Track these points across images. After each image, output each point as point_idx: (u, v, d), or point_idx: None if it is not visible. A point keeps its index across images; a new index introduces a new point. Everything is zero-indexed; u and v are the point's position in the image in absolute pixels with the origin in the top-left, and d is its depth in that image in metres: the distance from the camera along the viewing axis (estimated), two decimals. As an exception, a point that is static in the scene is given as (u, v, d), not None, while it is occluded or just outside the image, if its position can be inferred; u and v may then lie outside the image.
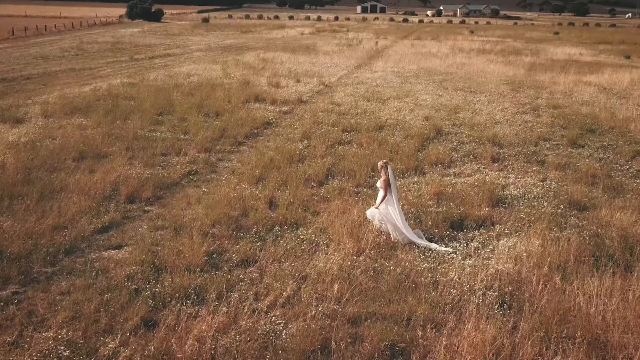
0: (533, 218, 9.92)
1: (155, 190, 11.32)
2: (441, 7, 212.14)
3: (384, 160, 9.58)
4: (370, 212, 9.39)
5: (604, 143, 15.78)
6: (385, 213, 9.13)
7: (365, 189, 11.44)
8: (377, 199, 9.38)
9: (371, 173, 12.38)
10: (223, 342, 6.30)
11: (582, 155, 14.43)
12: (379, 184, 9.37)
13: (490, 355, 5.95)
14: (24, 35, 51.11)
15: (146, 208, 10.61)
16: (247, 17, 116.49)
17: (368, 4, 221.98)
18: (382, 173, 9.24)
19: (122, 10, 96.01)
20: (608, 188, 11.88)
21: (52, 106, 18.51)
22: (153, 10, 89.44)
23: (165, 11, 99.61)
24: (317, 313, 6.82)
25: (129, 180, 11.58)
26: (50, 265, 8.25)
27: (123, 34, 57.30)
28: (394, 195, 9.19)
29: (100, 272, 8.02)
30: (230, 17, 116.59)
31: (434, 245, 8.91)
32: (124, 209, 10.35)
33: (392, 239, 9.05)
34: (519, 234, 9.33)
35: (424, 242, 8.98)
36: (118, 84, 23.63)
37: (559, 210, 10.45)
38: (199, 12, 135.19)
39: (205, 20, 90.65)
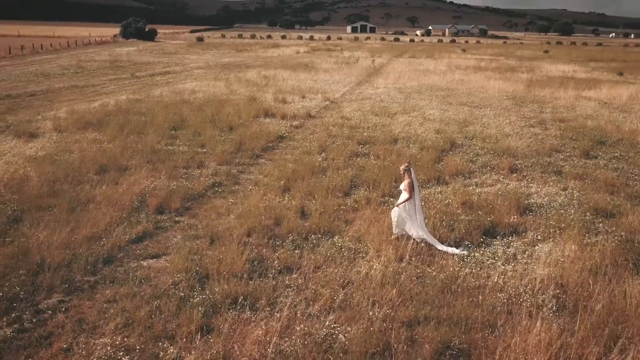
0: (563, 225, 10.04)
1: (183, 201, 11.32)
2: (430, 27, 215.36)
3: (407, 164, 9.78)
4: (395, 213, 9.54)
5: (616, 154, 16.03)
6: (405, 215, 9.32)
7: (391, 199, 11.51)
8: (400, 199, 9.53)
9: (394, 184, 12.44)
10: (283, 346, 6.29)
11: (597, 166, 14.65)
12: (402, 186, 9.52)
13: (552, 355, 5.98)
14: (21, 53, 51.09)
15: (176, 219, 10.60)
16: (240, 36, 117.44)
17: (358, 24, 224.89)
18: (406, 176, 9.40)
19: (113, 30, 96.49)
20: (629, 196, 12.06)
21: (63, 121, 18.48)
22: (147, 30, 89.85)
23: (158, 31, 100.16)
24: (371, 316, 6.83)
25: (155, 192, 11.58)
26: (92, 274, 8.21)
27: (120, 53, 57.45)
28: (416, 197, 9.39)
29: (143, 280, 8.00)
30: (223, 36, 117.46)
31: (449, 249, 9.08)
32: (155, 220, 10.33)
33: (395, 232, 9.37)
34: (553, 240, 9.42)
35: (440, 246, 9.14)
36: (125, 100, 23.65)
37: (587, 217, 10.58)
38: (191, 31, 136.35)
39: (200, 39, 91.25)
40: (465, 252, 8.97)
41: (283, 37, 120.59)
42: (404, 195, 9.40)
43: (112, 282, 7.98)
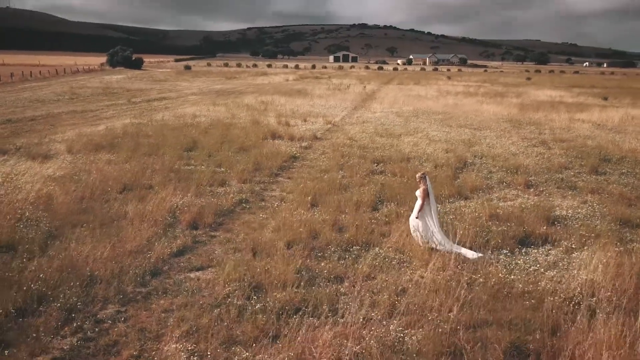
0: (593, 234, 10.32)
1: (215, 217, 11.37)
2: (411, 56, 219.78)
3: (422, 172, 10.23)
4: (413, 221, 9.87)
5: (623, 170, 16.53)
6: (422, 222, 9.73)
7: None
8: (415, 207, 9.88)
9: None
10: (355, 349, 6.34)
11: (609, 181, 15.08)
12: (418, 193, 9.90)
13: (625, 351, 6.14)
14: (11, 81, 50.78)
15: (212, 233, 10.64)
16: (226, 65, 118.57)
17: (340, 54, 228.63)
18: (422, 184, 9.82)
19: (98, 59, 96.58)
20: (647, 208, 12.44)
21: (74, 143, 18.42)
22: (134, 58, 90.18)
23: (144, 59, 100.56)
24: (434, 320, 6.94)
25: (186, 209, 11.61)
26: (142, 286, 8.20)
27: (110, 80, 57.47)
28: (432, 204, 9.80)
29: (195, 290, 8.01)
30: (209, 65, 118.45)
31: (469, 253, 9.39)
32: (192, 235, 10.36)
33: (421, 244, 9.62)
34: (587, 248, 9.67)
35: (458, 249, 9.45)
36: (129, 124, 23.67)
37: (613, 227, 10.88)
38: (176, 60, 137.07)
39: (188, 67, 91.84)
40: (481, 255, 9.27)
41: (269, 65, 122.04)
42: (419, 202, 9.79)
43: (165, 293, 7.97)
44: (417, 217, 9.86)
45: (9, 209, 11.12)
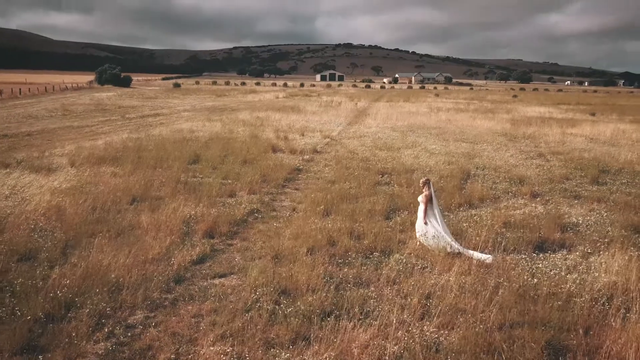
0: (606, 240, 10.49)
1: (229, 226, 11.35)
2: (397, 75, 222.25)
3: (426, 178, 10.63)
4: (421, 227, 10.15)
5: (623, 181, 16.82)
6: (430, 227, 10.02)
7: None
8: (419, 213, 10.22)
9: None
10: (394, 349, 6.36)
11: (611, 191, 15.33)
12: (420, 198, 10.25)
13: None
14: (0, 98, 50.35)
15: (228, 242, 10.63)
16: (215, 83, 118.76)
17: (327, 73, 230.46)
18: (425, 189, 10.21)
19: (85, 78, 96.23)
20: (653, 215, 12.66)
21: (75, 157, 18.31)
22: (122, 76, 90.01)
23: (132, 77, 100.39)
24: (466, 321, 6.98)
25: (199, 218, 11.60)
26: (167, 292, 8.16)
27: (100, 97, 57.24)
28: (435, 209, 10.15)
29: (222, 296, 7.98)
30: (197, 83, 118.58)
31: (476, 254, 9.63)
32: (209, 243, 10.32)
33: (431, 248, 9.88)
34: (603, 253, 9.81)
35: (466, 251, 9.73)
36: (127, 139, 23.58)
37: (624, 233, 11.05)
38: (163, 79, 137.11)
39: (177, 85, 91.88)
40: (492, 257, 9.46)
41: (257, 83, 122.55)
42: (422, 207, 10.15)
43: (191, 299, 7.94)
44: (425, 223, 10.07)
45: (21, 220, 11.03)
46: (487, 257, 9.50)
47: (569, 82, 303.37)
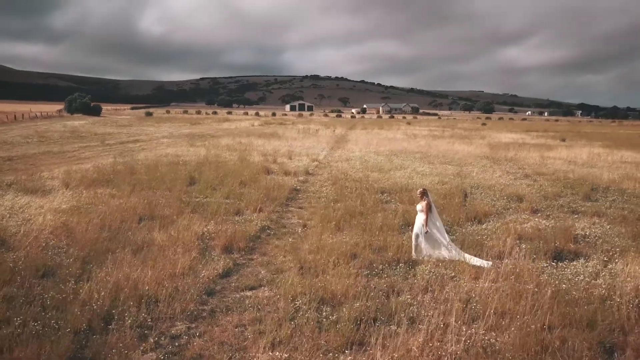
0: (618, 249, 10.82)
1: (246, 242, 11.26)
2: (365, 106, 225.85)
3: (422, 188, 11.09)
4: (420, 236, 10.46)
5: (613, 198, 17.40)
6: (430, 236, 10.41)
7: (453, 236, 11.95)
8: (419, 221, 10.56)
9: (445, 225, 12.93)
10: (452, 349, 6.37)
11: (605, 206, 15.83)
12: (419, 207, 10.65)
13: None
14: (-31, 125, 48.93)
15: (248, 257, 10.53)
16: (186, 112, 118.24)
17: (296, 104, 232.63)
18: (424, 198, 10.64)
19: (53, 107, 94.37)
20: (651, 227, 13.13)
21: (68, 179, 17.89)
22: (92, 105, 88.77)
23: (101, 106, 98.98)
24: (512, 323, 7.06)
25: (213, 235, 11.49)
26: (202, 304, 8.02)
27: (73, 125, 56.22)
28: (436, 217, 10.63)
29: (259, 306, 7.87)
30: (168, 112, 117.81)
31: (474, 260, 9.99)
32: (230, 258, 10.20)
33: (424, 256, 10.27)
34: (620, 260, 10.10)
35: (469, 259, 10.02)
36: (115, 163, 23.18)
37: (631, 243, 11.42)
38: (132, 108, 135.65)
39: (149, 114, 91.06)
40: (490, 263, 9.84)
41: (229, 113, 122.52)
42: (423, 216, 10.48)
43: (229, 310, 7.81)
44: (427, 232, 10.39)
45: (32, 239, 10.68)
46: (486, 263, 9.85)
47: (529, 112, 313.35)
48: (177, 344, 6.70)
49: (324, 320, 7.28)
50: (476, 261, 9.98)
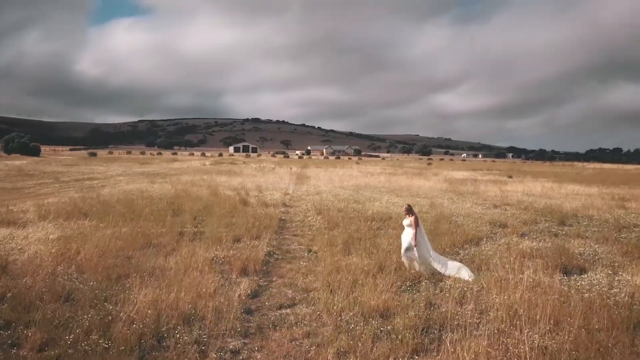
0: (616, 263, 11.45)
1: (260, 265, 11.10)
2: (309, 147, 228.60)
3: (407, 205, 11.76)
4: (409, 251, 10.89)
5: (585, 223, 18.37)
6: (418, 251, 10.86)
7: (459, 256, 12.23)
8: (408, 236, 10.97)
9: (446, 249, 13.23)
10: (515, 351, 6.51)
11: (582, 230, 16.68)
12: (407, 222, 11.15)
13: None
14: None
15: (267, 279, 10.37)
16: (129, 152, 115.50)
17: (240, 145, 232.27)
18: (410, 214, 11.14)
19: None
20: (633, 245, 13.94)
21: (42, 213, 17.01)
22: (31, 145, 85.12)
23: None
24: (559, 328, 7.31)
25: (223, 260, 11.28)
26: (247, 322, 7.81)
27: (15, 164, 53.57)
28: (422, 233, 11.12)
29: (305, 322, 7.77)
30: (111, 153, 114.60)
31: (466, 274, 10.41)
32: (252, 280, 9.99)
33: (416, 270, 10.66)
34: (623, 272, 10.69)
35: (457, 272, 10.47)
36: (81, 197, 22.24)
37: (627, 259, 12.10)
38: (71, 149, 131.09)
39: (93, 154, 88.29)
40: (474, 275, 10.36)
41: (174, 153, 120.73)
42: (411, 231, 10.91)
43: (276, 326, 7.65)
44: (415, 245, 10.78)
45: (32, 267, 10.07)
46: (470, 275, 10.31)
47: (464, 154, 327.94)
48: (240, 358, 6.48)
49: (378, 331, 7.25)
50: (463, 274, 10.34)
